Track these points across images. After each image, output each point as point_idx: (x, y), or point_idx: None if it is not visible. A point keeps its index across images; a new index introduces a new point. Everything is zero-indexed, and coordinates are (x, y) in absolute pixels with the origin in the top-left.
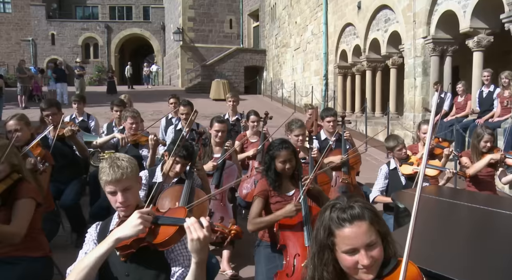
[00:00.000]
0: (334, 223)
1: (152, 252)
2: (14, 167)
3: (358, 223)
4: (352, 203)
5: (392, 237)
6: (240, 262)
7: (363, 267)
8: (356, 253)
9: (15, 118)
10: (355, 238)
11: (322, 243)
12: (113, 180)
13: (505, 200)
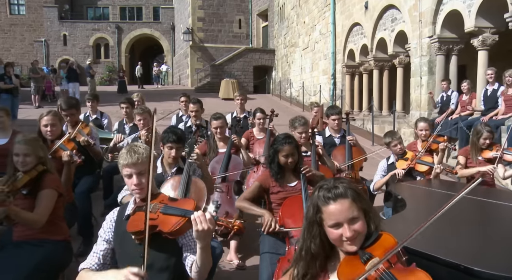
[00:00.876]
0: (321, 201)
1: (163, 237)
2: (40, 159)
3: (341, 201)
4: (337, 183)
5: (375, 212)
6: (247, 252)
7: (347, 239)
8: (340, 227)
9: (51, 114)
10: (339, 214)
11: (311, 219)
12: (130, 164)
13: (495, 192)
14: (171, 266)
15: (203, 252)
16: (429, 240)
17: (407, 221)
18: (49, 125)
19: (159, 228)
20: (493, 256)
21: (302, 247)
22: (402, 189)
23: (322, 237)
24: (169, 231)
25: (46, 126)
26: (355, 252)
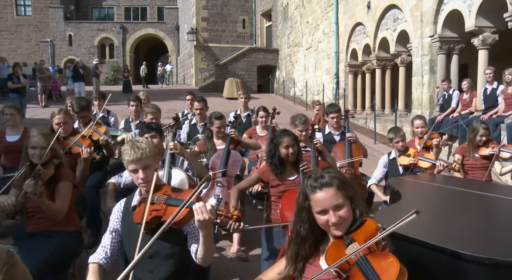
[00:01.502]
0: (309, 189)
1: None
2: (54, 153)
3: (326, 189)
4: (324, 173)
5: (360, 200)
6: (249, 245)
7: (332, 224)
8: (327, 213)
9: (62, 112)
10: (324, 201)
11: (301, 206)
12: (134, 160)
13: (489, 186)
14: (176, 253)
15: (206, 239)
16: (421, 227)
17: (397, 212)
18: (61, 123)
19: (163, 219)
20: (478, 241)
21: (293, 231)
22: (401, 183)
23: (311, 222)
24: (176, 220)
25: (58, 124)
26: (341, 236)
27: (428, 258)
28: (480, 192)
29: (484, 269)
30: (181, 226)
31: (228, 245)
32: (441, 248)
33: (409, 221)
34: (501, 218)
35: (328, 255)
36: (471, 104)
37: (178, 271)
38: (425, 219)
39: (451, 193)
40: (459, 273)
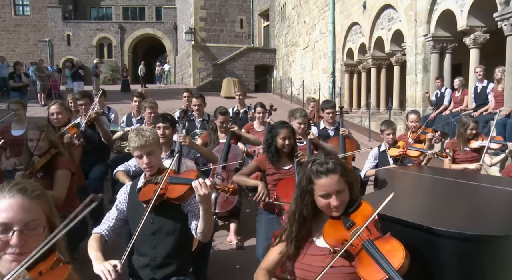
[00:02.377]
0: (314, 174)
1: (170, 205)
2: (52, 143)
3: (331, 175)
4: (328, 159)
5: (356, 185)
6: (245, 234)
7: (333, 207)
8: (329, 197)
9: (58, 103)
10: (329, 186)
11: (304, 189)
12: (139, 146)
13: (470, 175)
14: (177, 231)
15: (205, 213)
16: (403, 209)
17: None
18: (55, 113)
19: (166, 195)
20: (451, 220)
21: (296, 212)
22: (388, 173)
23: (312, 204)
24: (175, 197)
25: (53, 115)
26: (338, 217)
27: (409, 236)
28: (461, 180)
29: (454, 243)
30: (182, 201)
31: (225, 235)
32: (418, 225)
33: (389, 200)
34: (476, 202)
35: (327, 233)
36: (462, 101)
37: (179, 248)
38: (407, 203)
39: (434, 181)
40: (435, 248)
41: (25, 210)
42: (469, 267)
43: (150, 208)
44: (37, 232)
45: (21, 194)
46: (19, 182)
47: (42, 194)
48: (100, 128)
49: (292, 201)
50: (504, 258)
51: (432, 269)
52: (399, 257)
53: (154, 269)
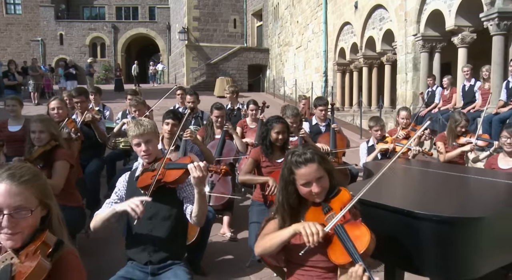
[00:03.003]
0: (294, 165)
1: (167, 191)
2: (52, 136)
3: (310, 164)
4: (305, 150)
5: (335, 172)
6: (238, 227)
7: (315, 194)
8: (310, 185)
9: (58, 99)
10: (308, 175)
11: (287, 180)
12: (138, 134)
13: (451, 167)
14: (173, 215)
15: (200, 196)
16: (386, 196)
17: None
18: (55, 108)
19: (163, 180)
20: (430, 204)
21: (283, 202)
22: (375, 165)
23: (296, 193)
24: (172, 180)
25: (53, 110)
26: (320, 203)
27: (392, 220)
28: (444, 171)
29: (433, 225)
30: (177, 185)
31: (219, 227)
32: (399, 210)
33: (367, 190)
34: (456, 189)
35: (307, 218)
36: (451, 100)
37: (175, 233)
38: (391, 191)
39: (418, 172)
40: (415, 231)
41: (12, 195)
42: (446, 249)
43: (150, 190)
44: (25, 215)
45: (9, 180)
46: (10, 168)
47: (32, 178)
48: (96, 129)
49: (277, 193)
50: (477, 240)
51: (413, 251)
52: (365, 242)
53: (151, 253)
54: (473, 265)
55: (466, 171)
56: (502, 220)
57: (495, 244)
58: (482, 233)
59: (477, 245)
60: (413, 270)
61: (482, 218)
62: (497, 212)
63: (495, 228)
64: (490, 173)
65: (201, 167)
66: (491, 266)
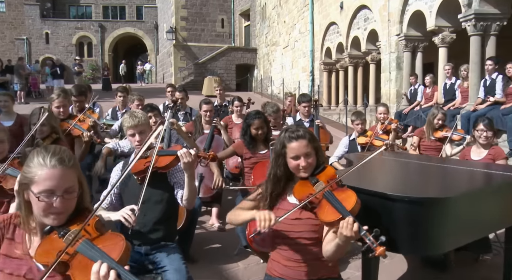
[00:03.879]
0: (286, 139)
1: (159, 177)
2: (53, 128)
3: (301, 140)
4: (298, 128)
5: (322, 152)
6: (225, 218)
7: (302, 168)
8: (298, 159)
9: (61, 97)
10: (298, 149)
11: (278, 152)
12: (133, 125)
13: (424, 158)
14: (165, 199)
15: (190, 180)
16: (364, 181)
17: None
18: (61, 106)
19: (156, 165)
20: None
21: (271, 172)
22: (356, 156)
23: (285, 166)
24: (163, 165)
25: (58, 108)
26: (306, 177)
27: (370, 202)
28: (418, 161)
29: (404, 206)
30: (168, 170)
31: (209, 219)
32: (375, 192)
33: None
34: (428, 176)
35: (296, 191)
36: (433, 97)
37: (166, 216)
38: (369, 177)
39: (394, 162)
40: (390, 211)
41: (64, 178)
42: (416, 227)
43: (147, 179)
44: (74, 195)
45: (60, 165)
46: (54, 152)
47: (75, 161)
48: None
49: (269, 164)
50: (443, 219)
51: (388, 230)
52: (351, 202)
53: (145, 234)
54: (439, 242)
55: (441, 162)
56: (465, 201)
57: (459, 224)
58: (447, 213)
59: (442, 223)
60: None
61: (447, 198)
62: (461, 194)
63: (459, 208)
64: (462, 163)
65: (190, 153)
66: (455, 244)
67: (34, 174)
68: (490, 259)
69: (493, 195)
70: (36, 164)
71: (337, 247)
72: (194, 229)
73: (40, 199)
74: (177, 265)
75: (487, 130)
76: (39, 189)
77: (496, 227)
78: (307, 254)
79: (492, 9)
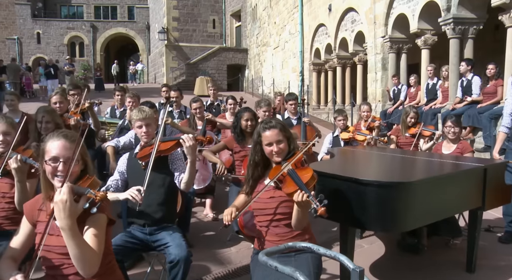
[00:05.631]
0: (261, 129)
1: (161, 162)
2: (57, 125)
3: (273, 129)
4: (271, 120)
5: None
6: (219, 208)
7: (275, 153)
8: (271, 146)
9: (59, 94)
10: (271, 137)
11: (256, 141)
12: (140, 118)
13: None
14: (166, 184)
15: (191, 165)
16: (340, 169)
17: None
18: (57, 102)
19: (159, 149)
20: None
21: (251, 159)
22: (338, 150)
23: (262, 152)
24: (166, 149)
25: (55, 104)
26: (279, 162)
27: (344, 187)
28: (393, 154)
29: (374, 189)
30: (169, 153)
31: (202, 210)
32: (349, 178)
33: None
34: (399, 165)
35: (270, 174)
36: (416, 97)
37: (167, 199)
38: (347, 166)
39: (371, 154)
40: (362, 194)
41: (66, 149)
42: (384, 208)
43: (151, 163)
44: (76, 164)
45: (64, 139)
46: (63, 131)
47: (77, 140)
48: (92, 116)
49: (249, 152)
50: (407, 200)
51: (360, 211)
52: (308, 177)
53: (148, 215)
54: (404, 220)
55: (415, 154)
56: (426, 186)
57: (420, 205)
58: (410, 196)
59: (406, 205)
60: (360, 226)
61: (409, 183)
62: (421, 180)
63: (420, 192)
64: (431, 156)
65: (190, 137)
66: (417, 223)
67: (46, 146)
68: (459, 243)
69: (452, 182)
70: (48, 139)
71: (297, 214)
72: (190, 215)
73: (47, 163)
74: (179, 241)
75: (454, 126)
76: (48, 157)
77: (455, 210)
78: (284, 227)
79: (469, 14)
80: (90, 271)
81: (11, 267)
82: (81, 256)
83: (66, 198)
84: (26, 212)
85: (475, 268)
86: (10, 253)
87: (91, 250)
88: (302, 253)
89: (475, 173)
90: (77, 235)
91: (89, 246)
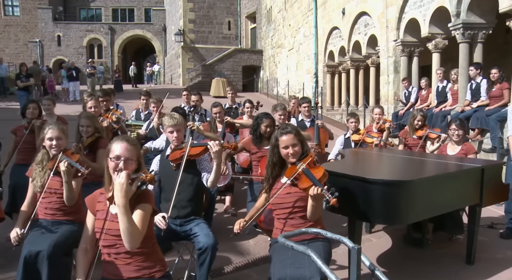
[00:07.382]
0: (279, 134)
1: (190, 165)
2: (96, 129)
3: (289, 135)
4: (287, 126)
5: (306, 143)
6: (238, 205)
7: (291, 155)
8: (288, 148)
9: (94, 99)
10: (287, 141)
11: (274, 144)
12: (172, 124)
13: (406, 153)
14: (195, 182)
15: (217, 167)
16: (349, 168)
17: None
18: (93, 107)
19: (189, 153)
20: (380, 173)
21: (270, 160)
22: (349, 151)
23: (279, 154)
24: (195, 154)
25: (90, 108)
26: (294, 163)
27: (352, 185)
28: (399, 155)
29: (379, 187)
30: (197, 157)
31: (223, 206)
32: (357, 177)
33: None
34: (404, 165)
35: (286, 173)
36: (427, 99)
37: (196, 196)
38: (355, 166)
39: (379, 155)
40: (368, 191)
41: (127, 150)
42: (388, 203)
43: (183, 165)
44: (132, 163)
45: (126, 142)
46: (125, 136)
47: (136, 144)
48: (120, 129)
49: (267, 153)
50: (409, 196)
51: (366, 206)
52: (320, 174)
53: (180, 209)
54: (406, 214)
55: (420, 155)
56: (426, 184)
57: (421, 201)
58: (411, 192)
59: (409, 200)
60: (367, 220)
61: (410, 181)
62: (421, 179)
63: (421, 189)
64: (437, 157)
65: (217, 144)
66: (418, 217)
67: (112, 146)
68: (462, 239)
69: (451, 181)
70: (113, 141)
71: (312, 207)
72: (213, 210)
73: (111, 160)
74: (206, 231)
75: (458, 129)
76: (112, 155)
77: (454, 206)
78: (299, 219)
79: (478, 19)
80: (133, 243)
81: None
82: (128, 230)
83: (123, 181)
84: (88, 204)
85: (474, 260)
86: (84, 244)
87: (136, 227)
88: (315, 241)
89: (473, 172)
90: (128, 213)
91: (135, 223)
